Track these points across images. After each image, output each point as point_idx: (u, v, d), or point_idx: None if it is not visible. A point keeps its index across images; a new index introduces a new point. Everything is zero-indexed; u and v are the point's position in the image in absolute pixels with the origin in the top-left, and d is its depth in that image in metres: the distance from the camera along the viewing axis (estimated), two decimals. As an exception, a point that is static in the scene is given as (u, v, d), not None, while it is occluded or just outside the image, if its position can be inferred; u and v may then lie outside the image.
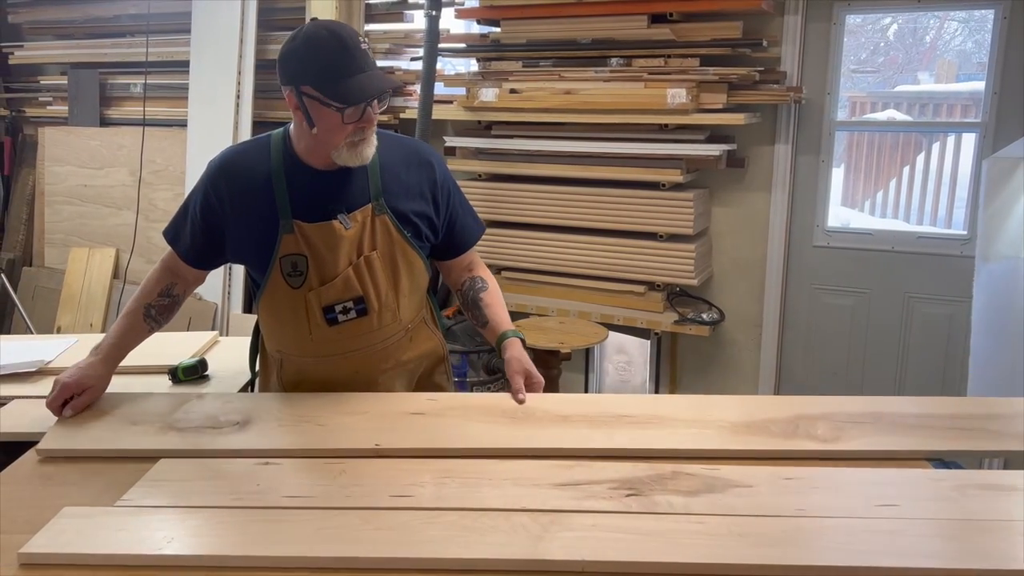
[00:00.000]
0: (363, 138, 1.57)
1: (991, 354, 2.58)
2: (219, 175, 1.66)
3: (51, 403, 1.63)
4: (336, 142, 1.56)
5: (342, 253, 1.63)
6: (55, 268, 4.53)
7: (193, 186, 1.72)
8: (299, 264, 1.63)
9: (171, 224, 1.76)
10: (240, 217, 1.65)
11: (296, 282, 1.64)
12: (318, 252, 1.63)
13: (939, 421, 1.58)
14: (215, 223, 1.67)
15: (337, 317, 1.66)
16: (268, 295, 1.67)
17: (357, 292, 1.65)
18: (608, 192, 3.45)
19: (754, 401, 1.72)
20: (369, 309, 1.67)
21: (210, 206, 1.66)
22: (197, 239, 1.70)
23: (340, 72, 1.49)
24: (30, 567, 1.18)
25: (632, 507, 1.29)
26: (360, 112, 1.53)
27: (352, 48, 1.50)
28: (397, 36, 3.85)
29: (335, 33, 1.51)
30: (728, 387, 3.70)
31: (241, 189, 1.64)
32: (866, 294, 3.47)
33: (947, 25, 3.82)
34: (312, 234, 1.62)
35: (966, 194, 3.42)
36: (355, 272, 1.64)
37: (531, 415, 1.63)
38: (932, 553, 1.16)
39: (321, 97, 1.50)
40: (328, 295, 1.65)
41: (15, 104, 4.84)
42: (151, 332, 1.76)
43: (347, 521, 1.26)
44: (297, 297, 1.65)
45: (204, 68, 3.98)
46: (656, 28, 3.29)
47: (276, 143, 1.66)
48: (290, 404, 1.70)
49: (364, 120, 1.54)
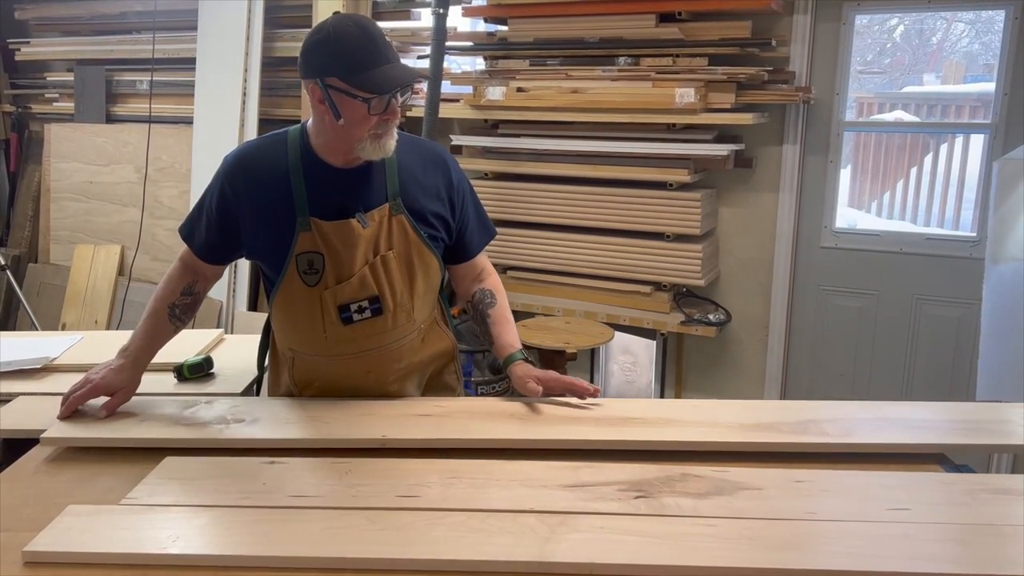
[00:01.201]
0: (387, 131, 1.56)
1: (1000, 357, 2.56)
2: (236, 169, 1.65)
3: (77, 399, 1.62)
4: (360, 135, 1.55)
5: (359, 252, 1.62)
6: (60, 265, 4.53)
7: (208, 183, 1.70)
8: (315, 262, 1.62)
9: (186, 221, 1.75)
10: (257, 213, 1.64)
11: (312, 280, 1.63)
12: (335, 250, 1.62)
13: (948, 425, 1.57)
14: (231, 218, 1.66)
15: (352, 316, 1.65)
16: (283, 293, 1.66)
17: (373, 291, 1.64)
18: (615, 192, 3.44)
19: (762, 405, 1.71)
20: (384, 309, 1.66)
21: (226, 201, 1.65)
22: (212, 235, 1.70)
23: (366, 63, 1.48)
24: (34, 565, 1.18)
25: (641, 509, 1.28)
26: (385, 104, 1.52)
27: (378, 40, 1.50)
28: (404, 34, 3.84)
29: (361, 25, 1.51)
30: (734, 388, 3.68)
31: (258, 185, 1.63)
32: (874, 296, 3.46)
33: (954, 26, 3.80)
34: (329, 232, 1.61)
35: (974, 196, 3.40)
36: (371, 271, 1.63)
37: (538, 417, 1.62)
38: (944, 558, 1.15)
39: (348, 88, 1.50)
40: (344, 294, 1.64)
41: (21, 100, 4.85)
42: (176, 332, 1.75)
43: (353, 521, 1.25)
44: (312, 295, 1.64)
45: (210, 65, 3.98)
46: (664, 27, 3.28)
47: (293, 139, 1.65)
48: (298, 405, 1.70)
49: (389, 112, 1.53)
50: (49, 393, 1.86)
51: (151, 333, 1.71)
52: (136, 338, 1.71)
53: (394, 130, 1.59)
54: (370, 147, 1.56)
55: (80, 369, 2.04)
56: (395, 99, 1.53)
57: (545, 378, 1.69)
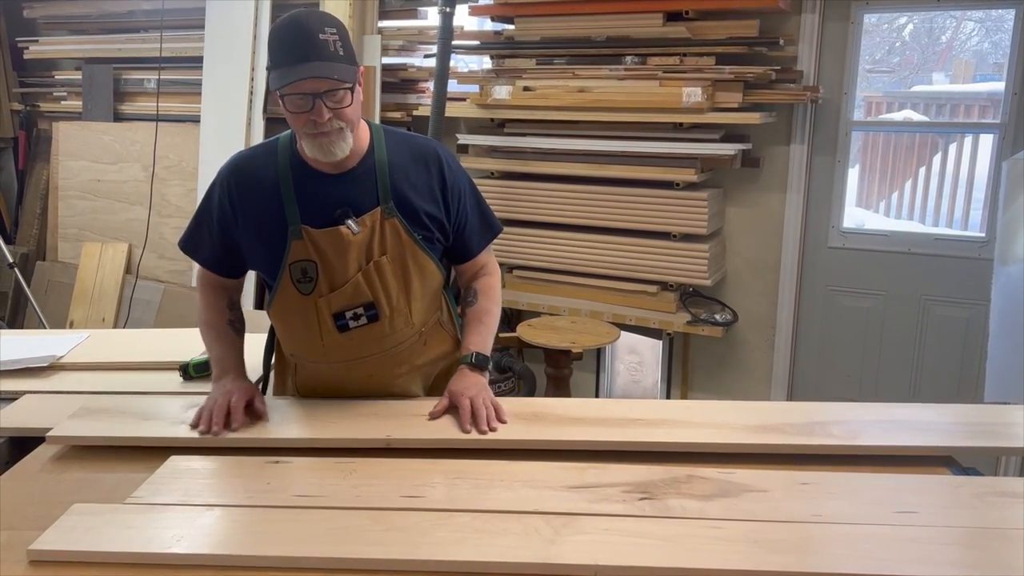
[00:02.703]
0: (320, 132, 1.49)
1: (1009, 358, 2.55)
2: (231, 180, 1.64)
3: (235, 407, 1.58)
4: (298, 133, 1.53)
5: (351, 259, 1.60)
6: (68, 263, 4.54)
7: (204, 195, 1.69)
8: (309, 270, 1.60)
9: (187, 235, 1.72)
10: (251, 223, 1.62)
11: (306, 288, 1.62)
12: (327, 258, 1.60)
13: (956, 427, 1.56)
14: (230, 230, 1.65)
15: (348, 323, 1.64)
16: (279, 301, 1.65)
17: (367, 298, 1.63)
18: (621, 191, 3.43)
19: (768, 407, 1.70)
20: (380, 315, 1.64)
21: (224, 213, 1.64)
22: (217, 249, 1.69)
23: (283, 59, 1.46)
24: (39, 564, 1.18)
25: (646, 511, 1.27)
26: (309, 103, 1.46)
27: (304, 36, 1.44)
28: (411, 33, 3.83)
29: (296, 20, 1.47)
30: (740, 389, 3.67)
31: (252, 195, 1.61)
32: (882, 296, 3.44)
33: (964, 25, 3.77)
34: (320, 240, 1.59)
35: (983, 196, 3.38)
36: (364, 277, 1.61)
37: (542, 418, 1.61)
38: (952, 562, 1.14)
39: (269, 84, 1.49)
40: (338, 301, 1.62)
41: (30, 99, 4.86)
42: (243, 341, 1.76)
43: (357, 521, 1.25)
44: (307, 303, 1.63)
45: (217, 64, 3.98)
46: (671, 26, 3.27)
47: (284, 146, 1.63)
48: (301, 405, 1.71)
49: (314, 113, 1.46)
50: (55, 392, 1.86)
51: (231, 348, 1.71)
52: (223, 358, 1.69)
53: (337, 134, 1.50)
54: (309, 147, 1.53)
55: (86, 368, 2.05)
56: (321, 100, 1.46)
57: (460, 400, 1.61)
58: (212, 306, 1.74)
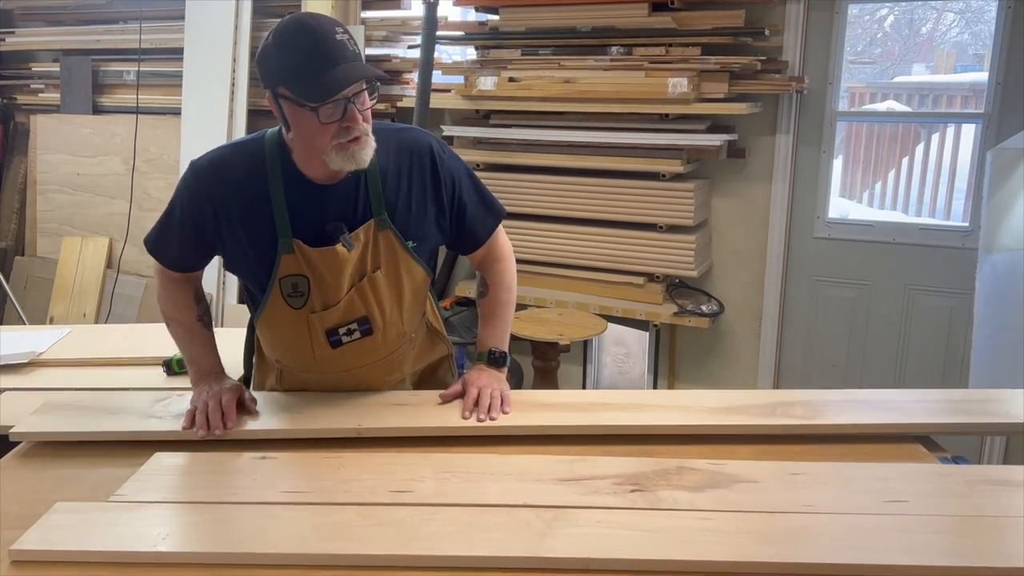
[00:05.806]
0: (352, 139, 1.41)
1: (993, 347, 2.57)
2: (210, 181, 1.53)
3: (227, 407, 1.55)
4: (322, 146, 1.41)
5: (345, 276, 1.54)
6: (48, 258, 4.48)
7: (175, 195, 1.58)
8: (300, 285, 1.54)
9: (153, 234, 1.61)
10: (235, 229, 1.52)
11: (297, 303, 1.55)
12: (320, 275, 1.53)
13: (925, 406, 1.60)
14: (207, 233, 1.54)
15: (341, 339, 1.60)
16: (268, 314, 1.59)
17: (361, 313, 1.58)
18: (607, 182, 3.42)
19: (733, 393, 1.71)
20: (374, 328, 1.60)
21: (203, 215, 1.53)
22: (188, 252, 1.60)
23: (311, 68, 1.35)
24: (21, 564, 1.16)
25: (637, 503, 1.27)
26: (341, 110, 1.38)
27: (324, 40, 1.36)
28: (394, 23, 3.80)
29: (305, 25, 1.37)
30: (727, 379, 3.68)
31: (235, 199, 1.51)
32: (867, 286, 3.45)
33: (944, 16, 3.79)
34: (314, 258, 1.52)
35: (965, 185, 3.40)
36: (358, 294, 1.56)
37: (514, 405, 1.62)
38: (942, 550, 1.15)
39: (294, 98, 1.38)
40: (331, 318, 1.57)
41: (7, 91, 4.78)
42: (214, 335, 1.70)
43: (346, 517, 1.24)
44: (299, 318, 1.57)
45: (198, 55, 3.93)
46: (657, 16, 3.25)
47: (271, 151, 1.51)
48: (275, 400, 1.68)
49: (348, 119, 1.39)
50: (35, 388, 1.83)
51: (204, 343, 1.67)
52: (197, 358, 1.65)
53: (366, 138, 1.43)
54: (337, 158, 1.42)
55: (67, 364, 2.02)
56: (353, 103, 1.39)
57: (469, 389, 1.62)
58: (178, 303, 1.66)
